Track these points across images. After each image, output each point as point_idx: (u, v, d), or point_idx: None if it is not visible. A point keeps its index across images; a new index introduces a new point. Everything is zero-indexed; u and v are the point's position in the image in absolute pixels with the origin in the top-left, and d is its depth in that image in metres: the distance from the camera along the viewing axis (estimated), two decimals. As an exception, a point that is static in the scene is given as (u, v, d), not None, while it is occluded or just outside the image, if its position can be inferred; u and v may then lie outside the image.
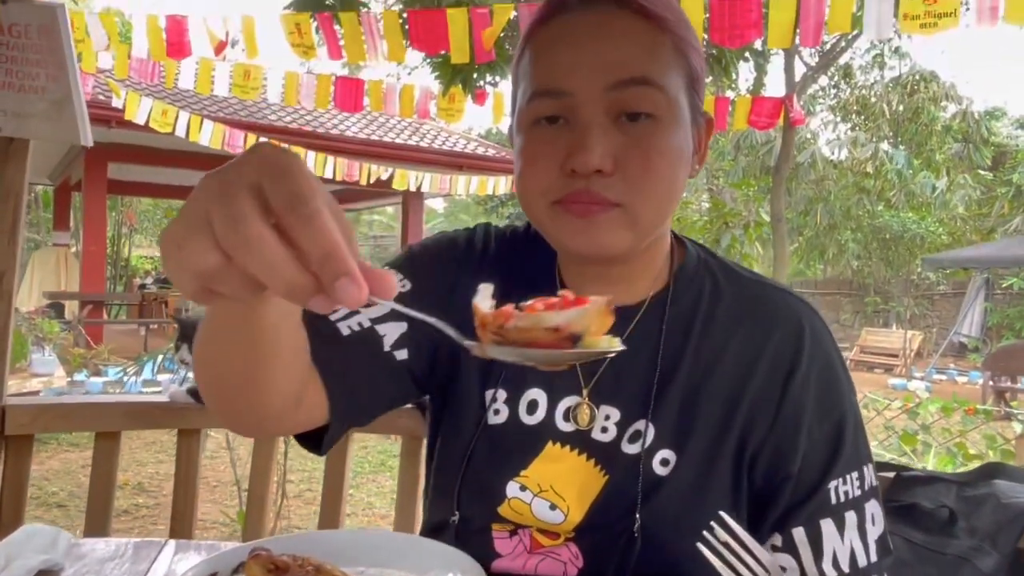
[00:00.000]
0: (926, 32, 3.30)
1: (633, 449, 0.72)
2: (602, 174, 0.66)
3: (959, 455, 4.16)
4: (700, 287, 0.79)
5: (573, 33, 0.69)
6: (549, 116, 0.69)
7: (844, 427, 0.73)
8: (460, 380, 0.80)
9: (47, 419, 1.32)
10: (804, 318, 0.76)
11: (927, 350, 14.67)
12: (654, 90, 0.67)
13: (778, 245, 5.45)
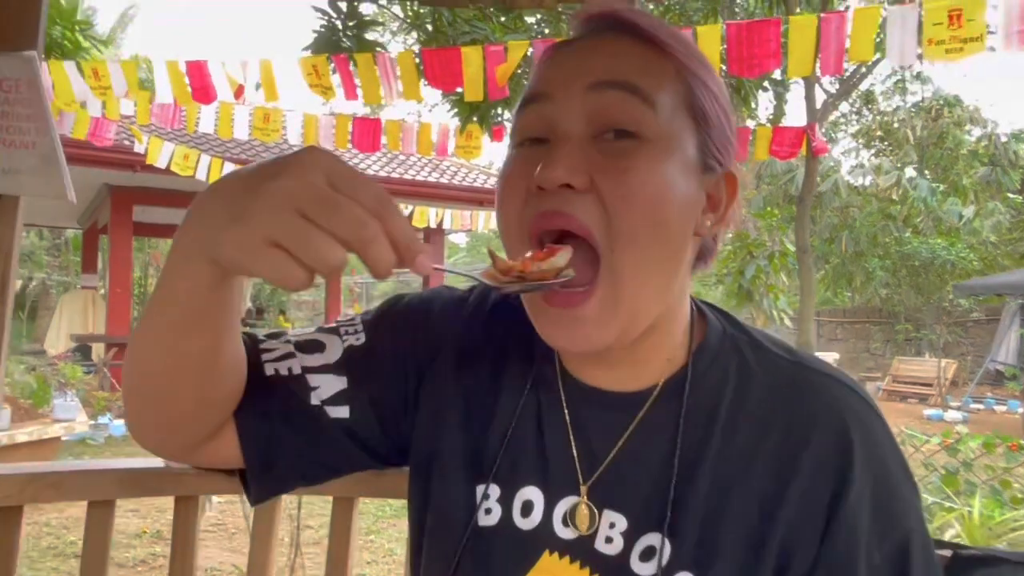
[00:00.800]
0: (952, 58, 3.21)
1: (647, 570, 0.60)
2: (573, 190, 0.57)
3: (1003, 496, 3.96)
4: (725, 369, 0.64)
5: (569, 51, 0.63)
6: (535, 137, 0.61)
7: (910, 550, 0.58)
8: (445, 470, 0.69)
9: (36, 488, 1.26)
10: (853, 416, 0.60)
11: (962, 379, 14.28)
12: (638, 100, 0.59)
13: (804, 277, 5.31)
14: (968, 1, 3.00)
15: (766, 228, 9.30)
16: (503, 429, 0.68)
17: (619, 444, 0.64)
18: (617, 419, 0.64)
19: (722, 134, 0.64)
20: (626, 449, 0.63)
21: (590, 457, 0.65)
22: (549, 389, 0.68)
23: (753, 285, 8.12)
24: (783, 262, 8.00)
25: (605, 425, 0.65)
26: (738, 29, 3.42)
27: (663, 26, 0.63)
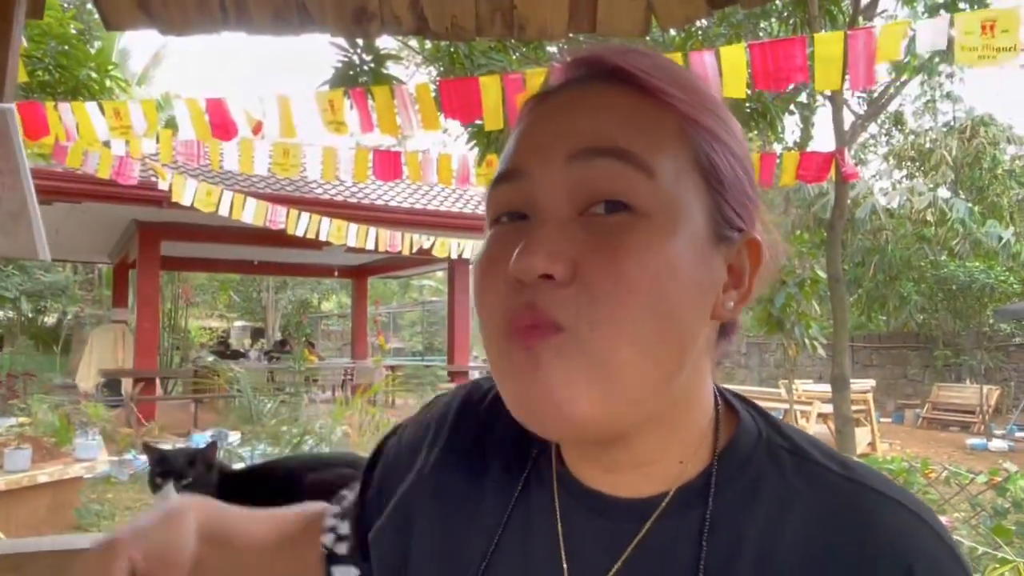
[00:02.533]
0: (983, 64, 3.07)
1: None
2: (552, 282, 0.46)
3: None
4: (757, 482, 0.51)
5: (547, 109, 0.52)
6: (511, 212, 0.51)
7: None
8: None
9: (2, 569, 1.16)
10: (922, 558, 0.46)
11: (1005, 406, 13.77)
12: (630, 168, 0.47)
13: (837, 307, 5.12)
14: (1002, 14, 2.88)
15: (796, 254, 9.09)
16: (483, 547, 0.56)
17: (618, 565, 0.51)
18: (618, 532, 0.52)
19: (740, 193, 0.52)
20: (627, 572, 0.51)
21: (585, 567, 0.52)
22: (542, 490, 0.56)
23: (784, 313, 7.90)
24: (814, 289, 7.78)
25: (603, 539, 0.52)
26: (763, 48, 3.32)
27: (660, 69, 0.51)
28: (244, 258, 14.08)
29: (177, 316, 20.19)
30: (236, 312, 29.21)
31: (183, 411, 12.00)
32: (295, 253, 12.72)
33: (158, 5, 1.92)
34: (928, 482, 4.91)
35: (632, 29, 2.21)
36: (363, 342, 16.90)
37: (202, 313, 26.88)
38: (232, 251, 13.06)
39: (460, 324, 14.27)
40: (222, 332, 28.04)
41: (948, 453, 10.63)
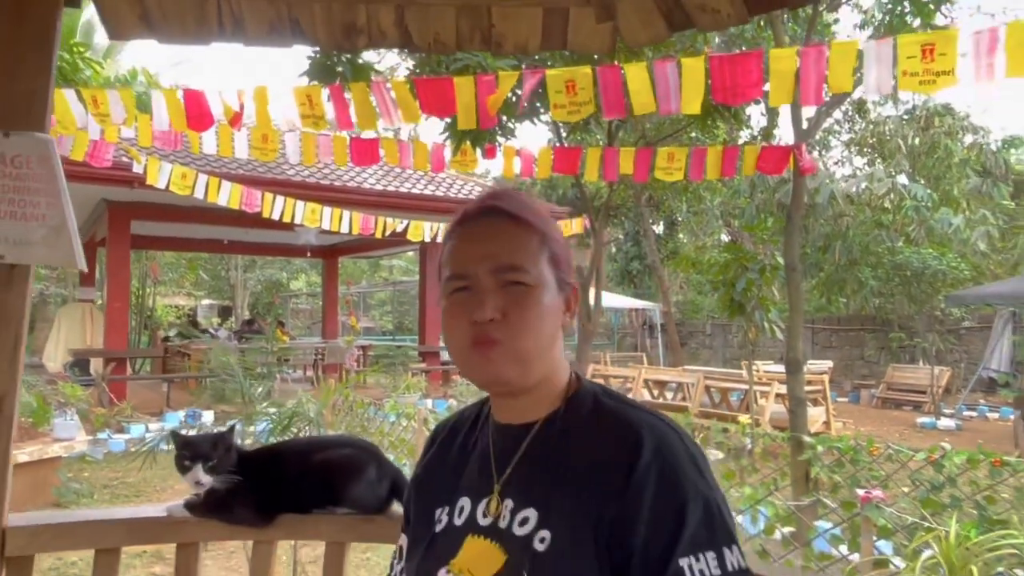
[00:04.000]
0: (925, 90, 3.31)
1: (521, 531, 0.92)
2: (493, 322, 0.93)
3: (987, 512, 4.04)
4: (582, 410, 0.98)
5: (475, 235, 1.00)
6: (459, 287, 0.97)
7: (686, 511, 0.85)
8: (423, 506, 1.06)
9: (46, 538, 1.34)
10: (646, 426, 0.91)
11: (955, 386, 14.36)
12: (522, 271, 0.96)
13: (793, 295, 5.39)
14: (940, 36, 3.10)
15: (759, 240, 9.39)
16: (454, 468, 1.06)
17: (517, 456, 0.98)
18: (517, 441, 0.99)
19: (568, 265, 1.01)
20: (521, 459, 0.98)
21: (500, 467, 0.99)
22: (483, 434, 1.06)
23: (745, 297, 8.20)
24: (774, 275, 8.07)
25: (510, 445, 1.00)
26: (720, 61, 3.52)
27: (526, 207, 1.00)
28: (215, 237, 14.04)
29: (144, 295, 20.01)
30: (203, 290, 28.95)
31: (154, 391, 12.02)
32: (266, 233, 12.74)
33: (158, 17, 2.05)
34: (872, 459, 5.24)
35: (599, 47, 2.40)
36: (334, 322, 16.97)
37: (168, 291, 26.60)
38: (203, 230, 13.04)
39: (431, 304, 14.42)
40: (189, 310, 27.79)
41: (899, 431, 11.12)
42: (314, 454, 1.44)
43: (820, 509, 4.29)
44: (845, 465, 5.28)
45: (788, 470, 5.49)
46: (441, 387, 13.11)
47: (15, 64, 1.34)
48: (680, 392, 12.21)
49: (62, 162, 1.41)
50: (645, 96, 3.70)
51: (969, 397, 13.42)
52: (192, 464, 1.35)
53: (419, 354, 14.19)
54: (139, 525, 1.41)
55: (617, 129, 9.82)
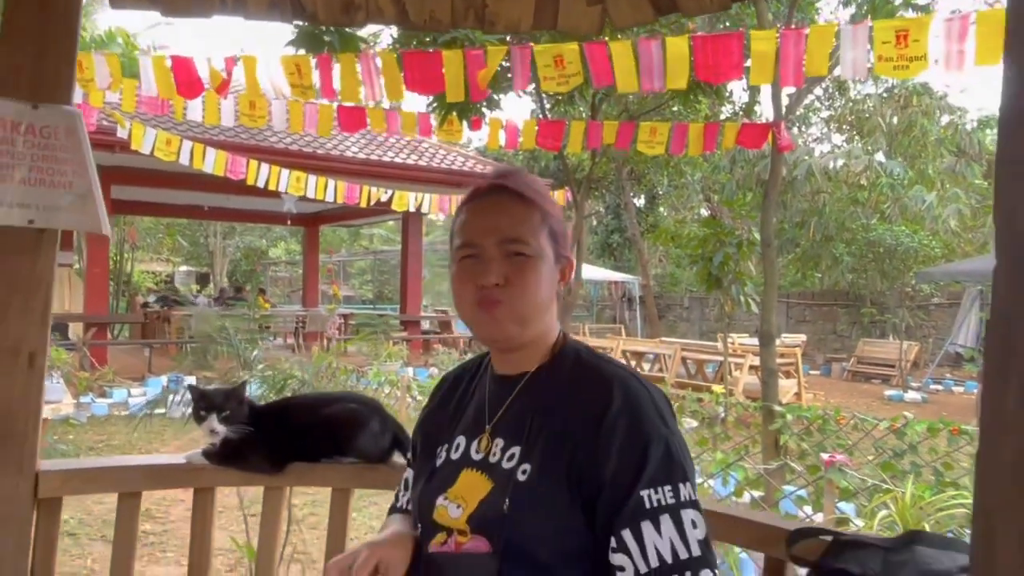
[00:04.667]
0: (899, 75, 3.44)
1: (508, 465, 1.07)
2: (497, 286, 1.08)
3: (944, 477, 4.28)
4: (566, 363, 1.13)
5: (484, 209, 1.14)
6: (468, 255, 1.12)
7: (648, 451, 0.98)
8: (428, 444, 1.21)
9: (76, 482, 1.45)
10: (617, 379, 1.06)
11: (923, 360, 14.77)
12: (524, 244, 1.10)
13: (767, 270, 5.56)
14: (914, 23, 3.23)
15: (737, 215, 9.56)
16: (457, 411, 1.21)
17: (508, 401, 1.13)
18: (509, 389, 1.14)
19: (564, 240, 1.16)
20: (511, 404, 1.13)
21: (493, 410, 1.14)
22: (481, 383, 1.21)
23: (722, 272, 8.39)
24: (751, 250, 8.26)
25: (503, 393, 1.15)
26: (703, 41, 3.62)
27: (530, 187, 1.15)
28: (195, 203, 13.94)
29: (122, 260, 19.84)
30: (181, 257, 28.71)
31: (134, 356, 12.03)
32: (247, 200, 12.69)
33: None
34: (839, 428, 5.48)
35: (588, 28, 2.50)
36: (314, 290, 16.99)
37: (146, 257, 26.36)
38: (182, 196, 12.95)
39: (413, 274, 14.49)
40: (166, 277, 27.59)
41: (867, 403, 11.46)
42: (321, 408, 1.56)
43: (788, 474, 4.51)
44: (813, 433, 5.52)
45: (759, 438, 5.72)
46: (422, 356, 13.24)
47: (43, 40, 1.41)
48: (657, 363, 12.45)
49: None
50: (629, 74, 3.79)
51: (936, 371, 13.82)
52: (207, 414, 1.47)
53: (400, 323, 14.28)
54: (160, 471, 1.52)
55: (600, 102, 9.88)
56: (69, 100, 1.44)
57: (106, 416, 8.23)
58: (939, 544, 1.07)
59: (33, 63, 1.41)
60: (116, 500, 1.52)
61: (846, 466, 3.69)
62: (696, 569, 0.94)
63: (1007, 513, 0.95)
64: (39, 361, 1.42)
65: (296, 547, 3.49)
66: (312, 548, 3.94)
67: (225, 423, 1.48)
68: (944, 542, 1.07)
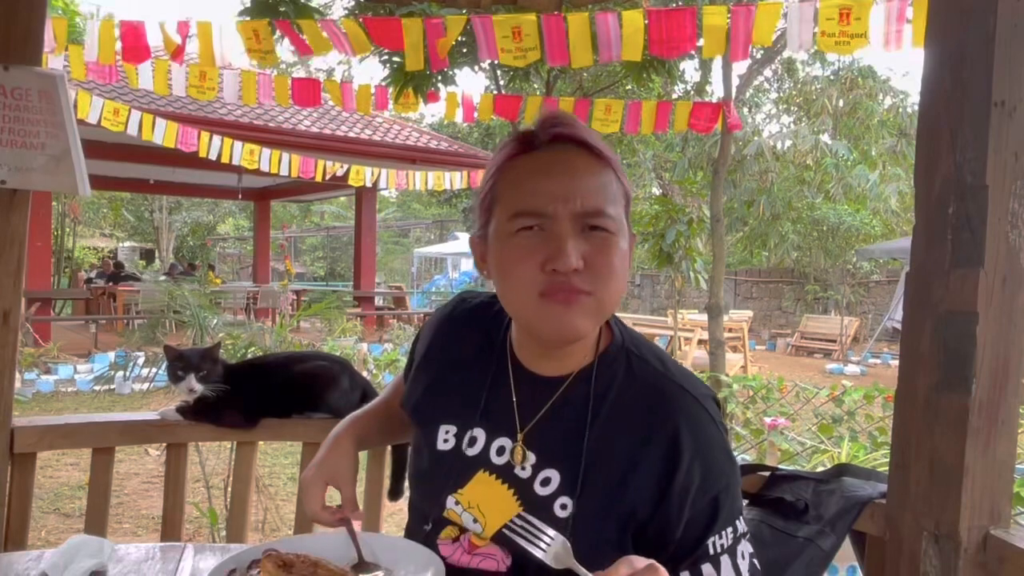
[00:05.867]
0: (840, 51, 3.59)
1: (543, 491, 0.91)
2: (576, 271, 0.86)
3: (877, 440, 4.52)
4: (616, 370, 0.95)
5: (546, 167, 0.90)
6: (527, 226, 0.89)
7: (720, 499, 0.89)
8: (428, 415, 1.04)
9: (52, 438, 1.49)
10: (684, 413, 0.91)
11: (863, 335, 15.35)
12: (608, 217, 0.89)
13: (716, 245, 5.76)
14: (856, 1, 3.38)
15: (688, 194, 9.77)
16: (466, 390, 1.01)
17: (544, 409, 0.95)
18: (546, 393, 0.96)
19: (630, 203, 0.96)
20: (548, 413, 0.95)
21: (524, 415, 0.96)
22: (501, 371, 1.00)
23: (673, 248, 8.57)
24: (701, 227, 8.46)
25: (537, 396, 0.96)
26: (658, 15, 3.72)
27: (597, 138, 0.93)
28: (140, 177, 13.58)
29: (63, 235, 19.22)
30: (125, 232, 27.92)
31: (79, 333, 11.74)
32: (194, 173, 12.42)
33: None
34: (782, 396, 5.73)
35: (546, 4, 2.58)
36: (265, 266, 16.75)
37: (87, 232, 25.56)
38: (128, 169, 12.59)
39: (367, 250, 14.41)
40: (109, 252, 26.82)
41: (809, 376, 11.90)
42: (293, 365, 1.62)
43: (735, 440, 4.71)
44: (757, 402, 5.76)
45: (707, 407, 5.94)
46: (376, 331, 13.24)
47: (12, 1, 1.43)
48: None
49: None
50: (584, 48, 3.87)
51: (875, 346, 14.39)
52: (185, 374, 1.51)
53: (354, 299, 14.21)
54: (134, 427, 1.57)
55: (555, 79, 9.94)
56: (38, 61, 1.46)
57: (52, 392, 8.06)
58: (863, 475, 1.19)
59: (3, 24, 1.42)
60: (67, 474, 1.56)
61: (787, 428, 3.89)
62: None
63: (920, 442, 1.08)
64: (13, 318, 1.44)
65: (256, 515, 3.54)
66: (273, 516, 3.99)
67: (202, 382, 1.53)
68: (867, 473, 1.20)
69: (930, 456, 1.04)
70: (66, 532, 4.06)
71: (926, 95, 1.09)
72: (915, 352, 1.07)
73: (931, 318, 1.05)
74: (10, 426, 1.46)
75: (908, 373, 1.08)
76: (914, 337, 1.08)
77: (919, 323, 1.07)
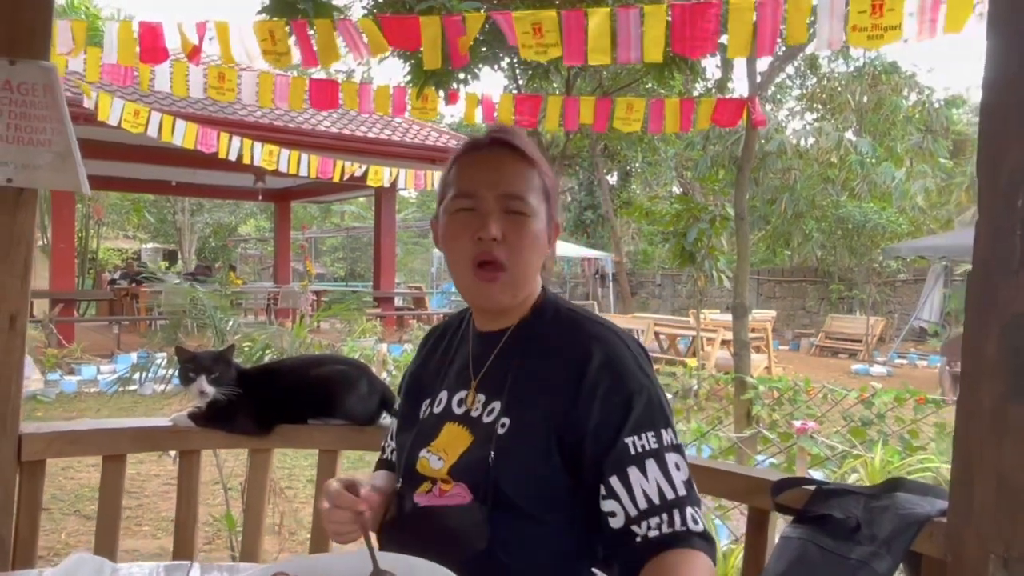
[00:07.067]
0: (872, 45, 3.48)
1: (488, 419, 1.09)
2: (496, 241, 1.07)
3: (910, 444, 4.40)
4: (545, 318, 1.15)
5: (483, 162, 1.13)
6: (464, 207, 1.10)
7: (632, 400, 1.02)
8: (412, 400, 1.23)
9: (60, 445, 1.44)
10: (597, 334, 1.09)
11: (889, 335, 15.09)
12: (523, 202, 1.10)
13: (741, 243, 5.65)
14: (891, -9, 3.26)
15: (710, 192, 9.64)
16: (441, 367, 1.23)
17: (491, 358, 1.15)
18: (492, 345, 1.16)
19: (555, 203, 1.18)
20: (494, 360, 1.14)
21: (477, 366, 1.16)
22: (464, 340, 1.22)
23: (695, 247, 8.46)
24: (724, 226, 8.34)
25: (486, 349, 1.16)
26: (681, 11, 3.62)
27: (531, 146, 1.15)
28: (162, 178, 13.67)
29: (87, 237, 19.42)
30: (148, 234, 28.18)
31: (102, 333, 11.83)
32: (216, 175, 12.48)
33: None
34: (809, 398, 5.60)
35: None
36: (286, 266, 16.80)
37: (111, 234, 25.82)
38: (150, 171, 12.68)
39: (386, 250, 14.40)
40: (133, 254, 27.08)
41: (835, 377, 11.69)
42: (309, 370, 1.56)
43: (761, 443, 4.60)
44: (784, 404, 5.63)
45: (731, 409, 5.82)
46: (396, 332, 13.21)
47: (18, -7, 1.38)
48: (630, 338, 12.56)
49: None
50: (603, 46, 3.79)
51: (901, 346, 14.13)
52: (196, 376, 1.46)
53: (374, 299, 14.22)
54: (145, 433, 1.51)
55: (575, 78, 9.86)
56: (46, 55, 1.41)
57: (75, 393, 8.11)
58: (918, 490, 1.11)
59: (9, 17, 1.37)
60: (88, 476, 1.51)
61: (817, 432, 3.78)
62: (683, 507, 0.98)
63: (985, 456, 0.99)
64: (20, 323, 1.40)
65: (273, 518, 3.49)
66: (289, 520, 3.94)
67: (214, 385, 1.47)
68: (923, 488, 1.11)
69: (997, 471, 0.95)
70: (87, 535, 4.05)
71: (990, 78, 1.00)
72: (979, 358, 0.98)
73: (997, 322, 0.96)
74: (18, 432, 1.41)
75: (972, 381, 0.99)
76: (978, 342, 0.99)
77: (984, 327, 0.98)
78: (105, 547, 1.48)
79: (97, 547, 1.48)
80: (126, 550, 3.73)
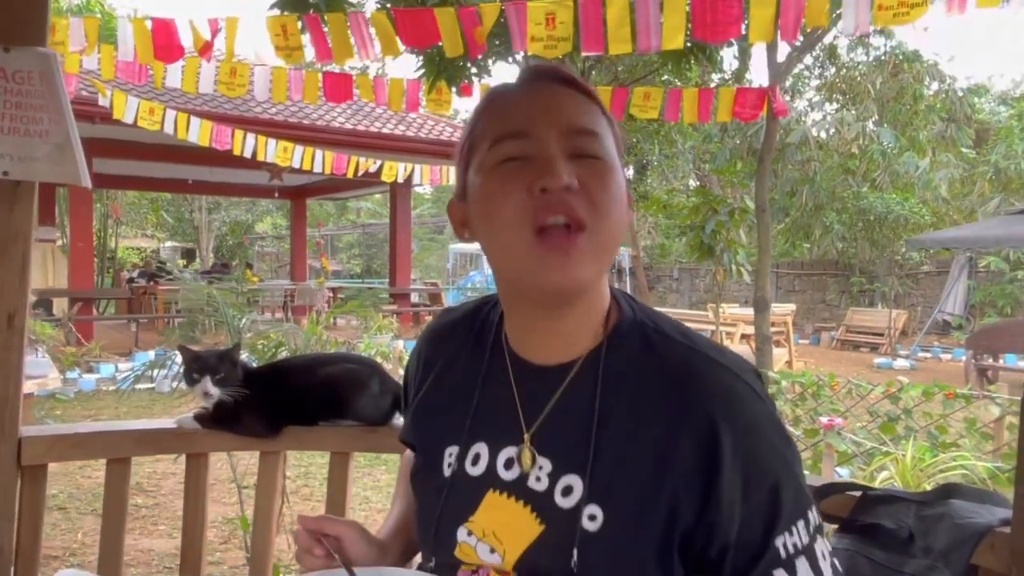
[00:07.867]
0: (899, 22, 3.35)
1: (566, 503, 0.77)
2: (569, 191, 0.74)
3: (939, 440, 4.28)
4: (632, 347, 0.80)
5: (527, 95, 0.81)
6: (511, 156, 0.77)
7: (780, 489, 0.74)
8: (429, 441, 0.91)
9: (61, 448, 1.38)
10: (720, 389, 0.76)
11: (912, 328, 14.85)
12: (598, 141, 0.79)
13: (762, 236, 5.54)
14: (914, -34, 3.13)
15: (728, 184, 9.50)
16: (464, 402, 0.87)
17: (551, 404, 0.81)
18: (551, 385, 0.81)
19: (622, 145, 0.85)
20: (556, 408, 0.81)
21: (529, 413, 0.82)
22: (498, 370, 0.86)
23: (713, 240, 8.33)
24: (743, 218, 8.20)
25: (540, 387, 0.82)
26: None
27: (582, 81, 0.84)
28: (179, 177, 13.72)
29: (106, 236, 19.58)
30: (166, 232, 28.38)
31: (120, 332, 11.89)
32: (232, 172, 12.49)
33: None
34: (833, 393, 5.48)
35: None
36: (302, 264, 16.84)
37: (130, 232, 26.03)
38: (166, 169, 12.73)
39: (402, 247, 14.37)
40: (151, 252, 27.29)
41: (857, 371, 11.51)
42: (319, 369, 1.49)
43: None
44: (807, 399, 5.51)
45: (753, 404, 5.71)
46: (411, 328, 13.18)
47: (12, -24, 1.32)
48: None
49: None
50: (623, 33, 3.69)
51: (924, 339, 13.90)
52: (200, 377, 1.40)
53: (390, 296, 14.20)
54: (150, 436, 1.46)
55: (590, 69, 9.75)
56: (43, 41, 1.35)
57: (93, 391, 8.14)
58: (975, 497, 1.02)
59: (3, 2, 1.31)
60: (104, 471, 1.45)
61: (844, 429, 3.67)
62: None
63: (1055, 461, 0.91)
64: (18, 321, 1.34)
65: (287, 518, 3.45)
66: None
67: (219, 385, 1.41)
68: (980, 495, 1.03)
69: (1068, 478, 0.86)
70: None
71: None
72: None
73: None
74: (18, 435, 1.36)
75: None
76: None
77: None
78: (110, 553, 1.43)
79: (102, 553, 1.43)
80: (142, 550, 3.70)
